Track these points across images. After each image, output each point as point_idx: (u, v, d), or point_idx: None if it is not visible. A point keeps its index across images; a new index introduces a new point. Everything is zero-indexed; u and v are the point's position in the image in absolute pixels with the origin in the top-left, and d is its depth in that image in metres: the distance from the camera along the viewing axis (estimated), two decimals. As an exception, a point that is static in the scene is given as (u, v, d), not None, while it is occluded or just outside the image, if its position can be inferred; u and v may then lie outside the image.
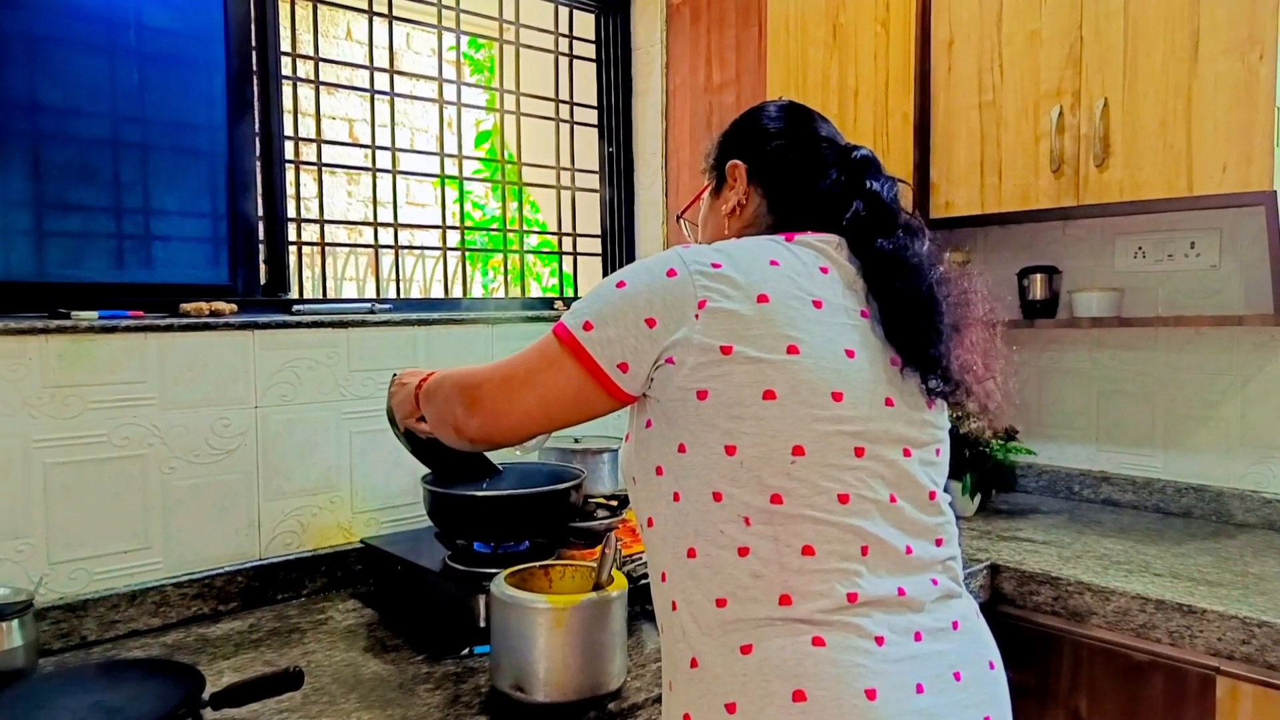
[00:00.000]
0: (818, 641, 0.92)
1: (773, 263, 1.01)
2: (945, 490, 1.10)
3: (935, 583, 1.02)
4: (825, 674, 0.91)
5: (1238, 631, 1.56)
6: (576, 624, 1.17)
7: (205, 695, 1.17)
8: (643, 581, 1.61)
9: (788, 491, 0.94)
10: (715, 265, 0.98)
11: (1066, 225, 2.44)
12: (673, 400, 0.97)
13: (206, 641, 1.48)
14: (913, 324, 1.04)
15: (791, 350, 0.96)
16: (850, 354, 1.00)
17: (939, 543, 1.05)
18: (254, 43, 1.72)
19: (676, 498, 0.99)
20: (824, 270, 1.04)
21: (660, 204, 2.30)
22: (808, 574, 0.94)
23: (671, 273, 0.98)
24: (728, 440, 0.95)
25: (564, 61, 2.28)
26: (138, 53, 1.59)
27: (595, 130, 2.33)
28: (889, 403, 1.02)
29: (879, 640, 0.94)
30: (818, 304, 1.00)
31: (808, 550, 0.94)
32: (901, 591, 0.98)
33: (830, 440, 0.96)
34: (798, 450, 0.95)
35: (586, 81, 2.33)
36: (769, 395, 0.94)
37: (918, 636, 0.97)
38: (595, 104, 2.33)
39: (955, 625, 1.03)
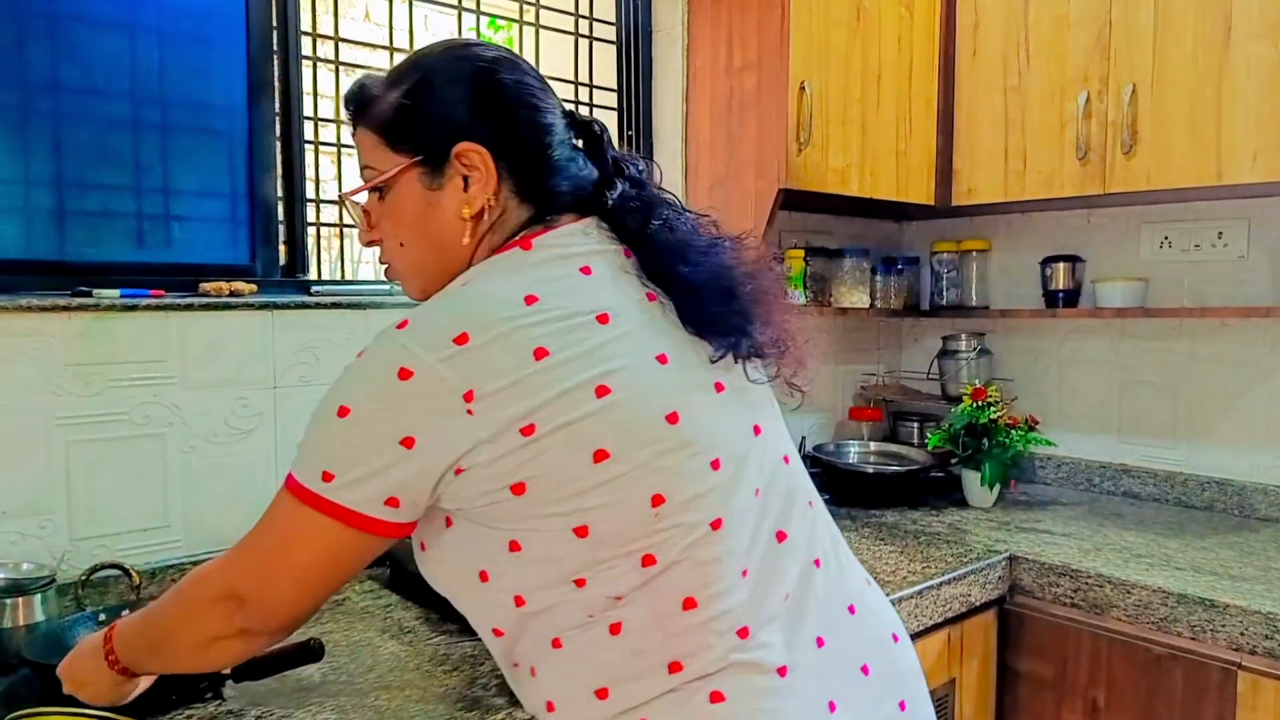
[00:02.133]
0: (716, 698, 0.81)
1: (528, 300, 0.81)
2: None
3: (819, 564, 0.93)
4: None
5: (1261, 626, 1.55)
6: (594, 608, 1.16)
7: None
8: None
9: (658, 546, 0.81)
10: (459, 341, 0.78)
11: (1091, 213, 2.41)
12: (481, 506, 0.81)
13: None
14: (715, 308, 0.90)
15: (601, 392, 0.79)
16: (663, 359, 0.86)
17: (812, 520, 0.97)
18: (274, 23, 1.71)
19: (520, 602, 0.84)
20: (586, 271, 0.88)
21: (680, 188, 2.28)
22: (694, 630, 0.82)
23: (405, 374, 0.78)
24: (573, 524, 0.80)
25: (584, 44, 2.26)
26: (158, 32, 1.59)
27: (614, 114, 2.31)
28: (719, 389, 0.90)
29: (781, 671, 0.84)
30: (602, 319, 0.83)
31: (689, 604, 0.82)
32: (787, 596, 0.88)
33: (685, 467, 0.82)
34: (657, 499, 0.81)
35: (606, 64, 2.31)
36: (601, 456, 0.79)
37: (819, 643, 0.89)
38: (614, 87, 2.31)
39: (851, 609, 0.95)
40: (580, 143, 0.99)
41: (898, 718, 0.95)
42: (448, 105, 0.91)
